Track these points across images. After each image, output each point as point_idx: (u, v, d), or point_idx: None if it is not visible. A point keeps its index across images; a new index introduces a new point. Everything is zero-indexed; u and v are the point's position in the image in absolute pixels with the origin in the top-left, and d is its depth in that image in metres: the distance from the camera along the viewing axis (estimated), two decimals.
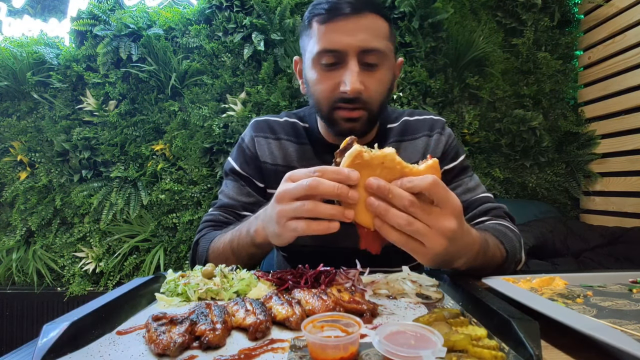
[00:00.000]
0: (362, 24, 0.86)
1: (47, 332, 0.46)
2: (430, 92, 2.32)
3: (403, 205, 0.56)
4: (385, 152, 0.58)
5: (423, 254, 0.59)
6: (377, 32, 0.88)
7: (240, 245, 0.83)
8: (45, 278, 2.32)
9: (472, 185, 1.03)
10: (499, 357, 0.42)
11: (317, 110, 0.97)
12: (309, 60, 0.92)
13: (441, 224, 0.57)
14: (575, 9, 2.48)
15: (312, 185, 0.59)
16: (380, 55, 0.88)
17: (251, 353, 0.46)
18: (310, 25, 0.91)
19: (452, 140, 1.08)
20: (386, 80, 0.92)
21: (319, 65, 0.90)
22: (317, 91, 0.92)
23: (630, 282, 0.71)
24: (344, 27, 0.86)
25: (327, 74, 0.89)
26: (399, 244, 0.59)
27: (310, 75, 0.93)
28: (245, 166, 1.06)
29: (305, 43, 0.95)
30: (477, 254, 0.71)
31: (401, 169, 0.58)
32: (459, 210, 0.60)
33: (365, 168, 0.58)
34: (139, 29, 2.29)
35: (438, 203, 0.58)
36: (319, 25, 0.88)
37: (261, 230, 0.76)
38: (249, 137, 1.08)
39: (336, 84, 0.88)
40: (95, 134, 2.33)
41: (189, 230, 2.32)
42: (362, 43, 0.85)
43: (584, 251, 1.83)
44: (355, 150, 0.58)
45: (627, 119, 2.16)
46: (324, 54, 0.88)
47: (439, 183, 0.57)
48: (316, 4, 0.90)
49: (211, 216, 1.02)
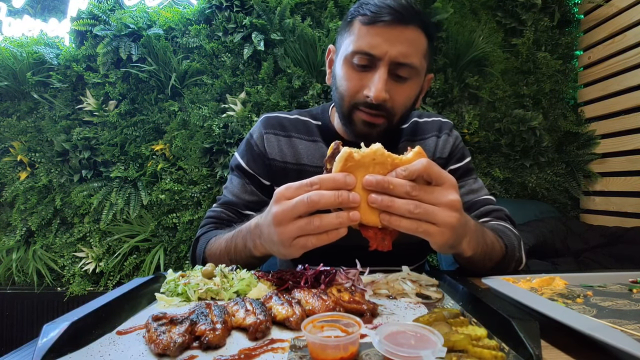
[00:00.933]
0: (403, 35, 0.85)
1: (47, 332, 0.46)
2: (430, 92, 2.32)
3: (406, 191, 0.57)
4: (373, 148, 0.59)
5: (439, 233, 0.59)
6: (416, 48, 0.87)
7: (238, 254, 0.82)
8: (45, 278, 2.32)
9: (476, 187, 1.04)
10: (499, 357, 0.42)
11: (337, 105, 0.96)
12: (342, 55, 0.92)
13: (447, 198, 0.59)
14: (575, 9, 2.48)
15: (313, 200, 0.58)
16: (412, 71, 0.88)
17: (251, 353, 0.46)
18: (352, 23, 0.91)
19: (459, 142, 1.11)
20: (413, 94, 0.92)
21: (351, 63, 0.89)
22: (342, 87, 0.92)
23: (630, 282, 0.71)
24: (384, 34, 0.85)
25: (356, 74, 0.89)
26: (411, 231, 0.59)
27: (339, 70, 0.93)
28: (251, 163, 1.05)
29: (343, 38, 0.94)
30: (476, 232, 0.72)
31: (392, 162, 0.59)
32: (456, 183, 0.62)
33: (358, 169, 0.59)
34: (139, 29, 2.29)
35: (436, 181, 0.59)
36: (361, 25, 0.88)
37: (261, 247, 0.74)
38: (258, 134, 1.07)
39: (362, 86, 0.88)
40: (95, 134, 2.33)
41: (189, 230, 2.32)
42: (397, 54, 0.85)
43: (584, 251, 1.83)
44: (346, 153, 0.58)
45: (627, 119, 2.16)
46: (358, 55, 0.87)
47: (432, 163, 0.59)
48: (364, 3, 0.89)
49: (214, 213, 1.03)
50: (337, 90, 0.94)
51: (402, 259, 0.86)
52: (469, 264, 0.78)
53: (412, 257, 1.07)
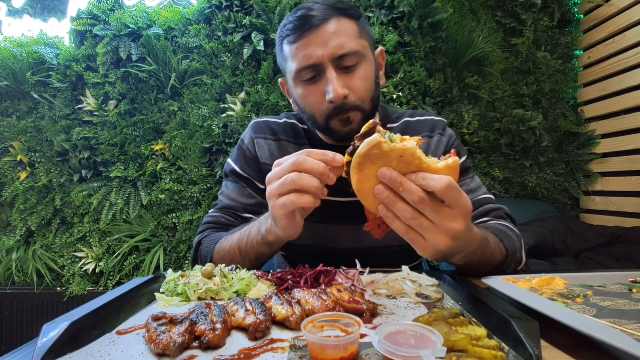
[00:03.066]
0: (329, 32, 0.86)
1: (47, 332, 0.46)
2: (430, 92, 2.32)
3: (412, 200, 0.56)
4: (406, 147, 0.56)
5: (423, 247, 0.60)
6: (346, 34, 0.88)
7: (249, 245, 0.84)
8: (45, 278, 2.32)
9: (474, 187, 1.03)
10: (499, 357, 0.42)
11: (312, 124, 0.97)
12: (291, 80, 0.94)
13: (449, 225, 0.57)
14: (575, 9, 2.48)
15: (298, 161, 0.65)
16: (356, 56, 0.88)
17: (251, 353, 0.46)
18: (282, 47, 0.93)
19: (454, 141, 1.08)
20: (369, 75, 0.92)
21: (301, 82, 0.91)
22: (307, 106, 0.94)
23: (630, 282, 0.71)
24: (312, 41, 0.86)
25: (311, 88, 0.90)
26: (400, 233, 0.60)
27: (296, 94, 0.95)
28: (246, 168, 1.06)
29: (283, 65, 0.96)
30: (477, 250, 0.71)
31: (419, 164, 0.56)
32: (469, 211, 0.60)
33: (381, 158, 0.56)
34: (139, 29, 2.29)
35: (450, 204, 0.57)
36: (290, 45, 0.90)
37: (270, 230, 0.77)
38: (249, 139, 1.08)
39: (321, 95, 0.89)
40: (95, 134, 2.33)
41: (189, 230, 2.32)
42: (333, 50, 0.86)
43: (584, 251, 1.83)
44: (375, 140, 0.55)
45: (627, 119, 2.16)
46: (302, 72, 0.89)
47: (453, 186, 0.56)
48: (283, 27, 0.92)
49: (212, 218, 1.02)
50: (305, 111, 0.95)
51: (400, 257, 0.86)
52: (463, 268, 0.77)
53: (409, 256, 1.06)
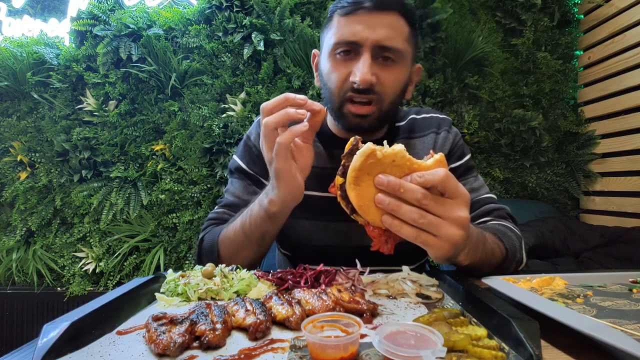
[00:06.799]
0: (383, 21, 0.85)
1: (47, 332, 0.46)
2: (430, 92, 2.32)
3: (416, 198, 0.55)
4: (395, 150, 0.57)
5: (438, 246, 0.58)
6: (397, 32, 0.87)
7: (253, 224, 0.83)
8: (45, 278, 2.32)
9: (477, 186, 1.03)
10: (499, 357, 0.42)
11: (328, 101, 0.95)
12: (325, 51, 0.92)
13: (456, 214, 0.57)
14: (575, 9, 2.48)
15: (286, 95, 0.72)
16: (397, 54, 0.87)
17: (251, 353, 0.46)
18: (332, 18, 0.91)
19: (459, 139, 1.09)
20: (401, 78, 0.91)
21: (334, 56, 0.89)
22: (329, 81, 0.91)
23: (630, 282, 0.71)
24: (364, 21, 0.85)
25: (340, 64, 0.89)
26: (411, 239, 0.58)
27: (324, 66, 0.93)
28: (251, 164, 1.04)
29: (325, 36, 0.94)
30: (477, 244, 0.71)
31: (410, 166, 0.57)
32: (469, 199, 0.60)
33: (376, 167, 0.57)
34: (139, 29, 2.29)
35: (450, 195, 0.58)
36: (340, 17, 0.88)
37: (273, 198, 0.78)
38: (255, 135, 1.06)
39: (347, 73, 0.87)
40: (95, 134, 2.33)
41: (189, 230, 2.32)
42: (379, 37, 0.84)
43: (584, 251, 1.83)
44: (369, 149, 0.56)
45: (627, 119, 2.16)
46: (340, 45, 0.87)
47: (450, 176, 0.57)
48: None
49: (216, 214, 1.02)
50: (326, 87, 0.93)
51: (403, 259, 0.85)
52: (466, 269, 0.77)
53: (412, 257, 1.06)
